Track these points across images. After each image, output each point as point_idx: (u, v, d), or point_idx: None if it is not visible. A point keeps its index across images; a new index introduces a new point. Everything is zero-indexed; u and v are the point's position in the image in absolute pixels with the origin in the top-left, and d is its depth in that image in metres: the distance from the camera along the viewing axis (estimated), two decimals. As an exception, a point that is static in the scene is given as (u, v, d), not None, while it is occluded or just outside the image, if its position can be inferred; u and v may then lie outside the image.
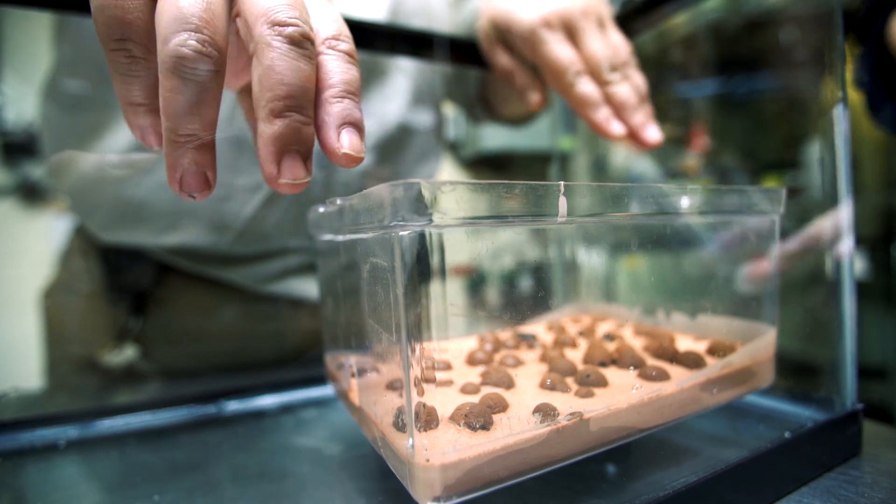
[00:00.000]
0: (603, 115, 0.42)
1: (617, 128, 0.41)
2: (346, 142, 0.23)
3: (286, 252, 0.57)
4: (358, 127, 0.24)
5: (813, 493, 0.29)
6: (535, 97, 0.48)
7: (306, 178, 0.22)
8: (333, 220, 0.31)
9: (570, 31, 0.42)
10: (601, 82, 0.42)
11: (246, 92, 0.32)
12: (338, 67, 0.24)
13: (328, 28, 0.25)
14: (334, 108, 0.23)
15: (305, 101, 0.22)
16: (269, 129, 0.22)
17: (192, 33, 0.21)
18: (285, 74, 0.22)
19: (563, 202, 0.23)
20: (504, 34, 0.47)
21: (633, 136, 0.38)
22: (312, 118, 0.23)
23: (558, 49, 0.42)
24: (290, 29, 0.22)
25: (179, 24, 0.21)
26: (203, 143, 0.22)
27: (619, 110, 0.42)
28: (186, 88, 0.21)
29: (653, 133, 0.28)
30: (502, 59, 0.48)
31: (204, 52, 0.21)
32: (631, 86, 0.43)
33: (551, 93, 0.63)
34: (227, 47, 0.23)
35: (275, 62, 0.22)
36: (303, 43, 0.22)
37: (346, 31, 0.26)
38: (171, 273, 0.56)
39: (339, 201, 0.28)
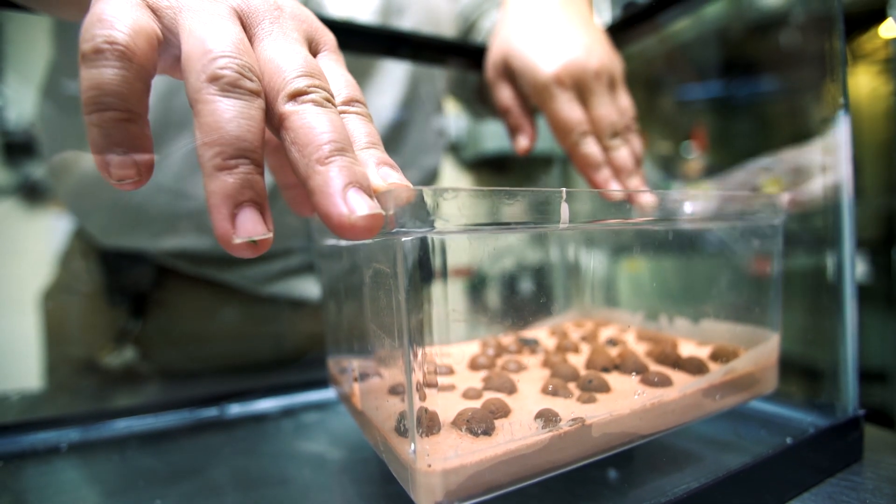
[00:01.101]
0: (603, 176, 0.43)
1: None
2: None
3: (286, 253, 0.57)
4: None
5: (815, 498, 0.29)
6: (524, 142, 0.49)
7: (378, 210, 0.20)
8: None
9: (581, 91, 0.43)
10: (604, 146, 0.43)
11: (272, 149, 0.32)
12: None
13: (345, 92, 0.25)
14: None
15: (348, 145, 0.21)
16: (323, 175, 0.20)
17: (231, 59, 0.20)
18: (322, 126, 0.21)
19: (564, 208, 0.23)
20: (513, 74, 0.47)
21: (628, 198, 0.41)
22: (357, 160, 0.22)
23: (567, 108, 0.43)
24: (315, 95, 0.22)
25: (216, 52, 0.20)
26: (259, 172, 0.21)
27: (617, 173, 0.44)
28: (233, 107, 0.20)
29: (646, 197, 0.29)
30: (504, 94, 0.49)
31: (245, 75, 0.20)
32: (629, 150, 0.44)
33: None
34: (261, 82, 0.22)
35: (308, 119, 0.21)
36: (324, 103, 0.22)
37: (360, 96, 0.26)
38: (171, 275, 0.56)
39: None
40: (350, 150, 0.21)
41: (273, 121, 0.22)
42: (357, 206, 0.20)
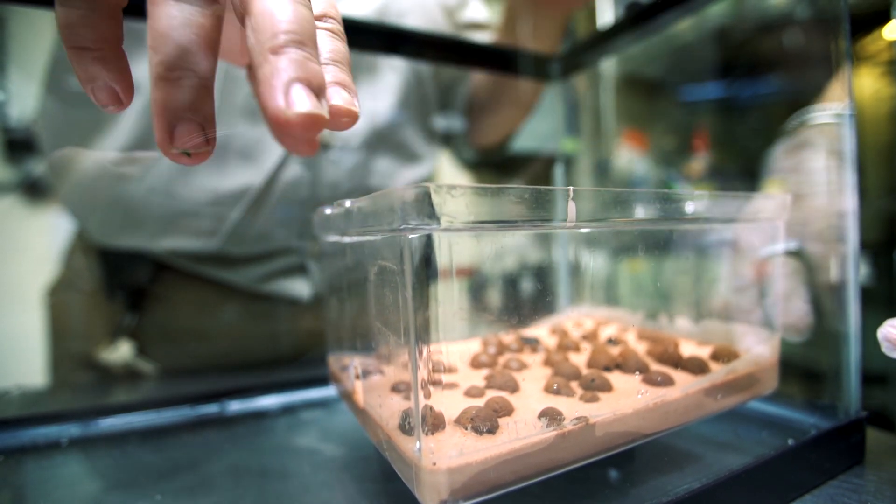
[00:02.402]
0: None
1: None
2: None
3: (280, 253, 0.57)
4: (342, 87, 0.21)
5: (816, 500, 0.29)
6: None
7: (321, 111, 0.19)
8: (339, 222, 0.31)
9: None
10: None
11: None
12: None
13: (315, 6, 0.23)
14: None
15: (309, 40, 0.19)
16: (272, 65, 0.18)
17: None
18: (284, 13, 0.19)
19: (572, 207, 0.23)
20: None
21: None
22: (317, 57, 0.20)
23: None
24: None
25: None
26: (204, 85, 0.20)
27: None
28: (181, 13, 0.19)
29: None
30: None
31: None
32: None
33: (555, 97, 0.64)
34: None
35: (271, 4, 0.19)
36: None
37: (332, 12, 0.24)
38: (169, 270, 0.56)
39: (346, 203, 0.28)
40: (310, 46, 0.19)
41: (237, 8, 0.21)
42: (298, 103, 0.18)
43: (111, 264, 0.57)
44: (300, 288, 0.57)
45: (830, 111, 0.36)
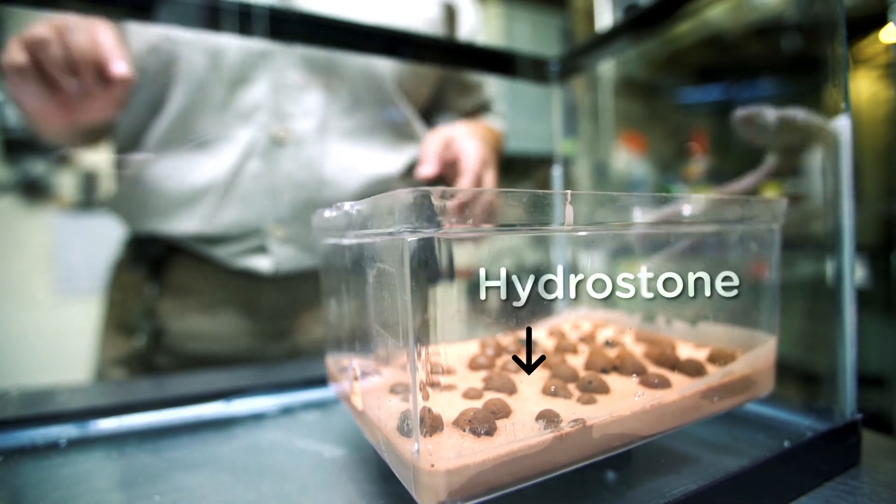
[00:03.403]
0: None
1: None
2: None
3: (245, 235, 0.63)
4: None
5: (812, 502, 0.30)
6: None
7: None
8: (338, 224, 0.31)
9: None
10: None
11: None
12: None
13: None
14: None
15: None
16: None
17: None
18: None
19: (569, 211, 0.23)
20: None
21: None
22: None
23: None
24: None
25: None
26: None
27: None
28: None
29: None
30: None
31: None
32: None
33: (553, 99, 0.64)
34: None
35: None
36: None
37: None
38: (174, 248, 0.64)
39: (346, 206, 0.28)
40: None
41: None
42: None
43: (137, 242, 0.66)
44: (263, 263, 0.64)
45: (835, 117, 0.36)
